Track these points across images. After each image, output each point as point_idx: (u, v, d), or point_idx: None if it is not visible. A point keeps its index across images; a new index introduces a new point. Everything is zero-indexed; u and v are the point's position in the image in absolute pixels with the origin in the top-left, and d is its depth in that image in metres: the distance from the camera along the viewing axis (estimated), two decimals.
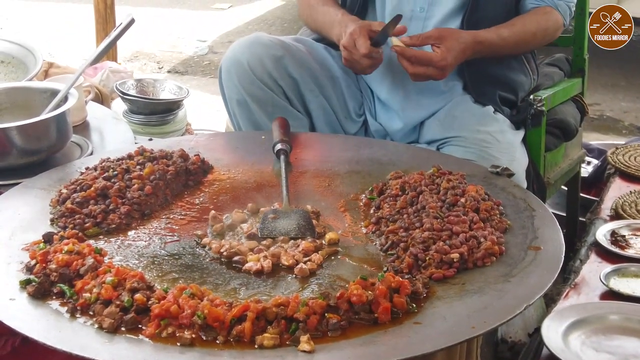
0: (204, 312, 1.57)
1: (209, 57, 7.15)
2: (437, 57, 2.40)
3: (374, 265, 1.86)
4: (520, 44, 2.64)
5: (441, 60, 2.40)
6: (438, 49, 2.42)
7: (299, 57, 2.69)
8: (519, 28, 2.61)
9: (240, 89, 2.62)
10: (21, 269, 1.79)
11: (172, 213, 2.12)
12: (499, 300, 1.67)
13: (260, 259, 1.86)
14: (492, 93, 2.65)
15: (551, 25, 2.69)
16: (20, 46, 3.11)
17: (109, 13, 5.18)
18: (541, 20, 2.65)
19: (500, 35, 2.56)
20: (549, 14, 2.67)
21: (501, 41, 2.56)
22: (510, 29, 2.60)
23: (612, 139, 5.11)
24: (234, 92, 2.64)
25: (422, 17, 2.65)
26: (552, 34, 2.73)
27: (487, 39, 2.53)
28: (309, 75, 2.69)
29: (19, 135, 2.35)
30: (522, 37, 2.62)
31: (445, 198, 2.02)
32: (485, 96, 2.64)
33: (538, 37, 2.67)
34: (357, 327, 1.60)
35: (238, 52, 2.63)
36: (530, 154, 2.65)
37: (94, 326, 1.60)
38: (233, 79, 2.63)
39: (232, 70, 2.63)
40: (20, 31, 7.52)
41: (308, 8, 2.82)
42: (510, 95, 2.69)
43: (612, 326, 1.94)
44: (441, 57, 2.40)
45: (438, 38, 2.44)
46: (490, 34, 2.55)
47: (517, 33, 2.60)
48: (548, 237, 1.92)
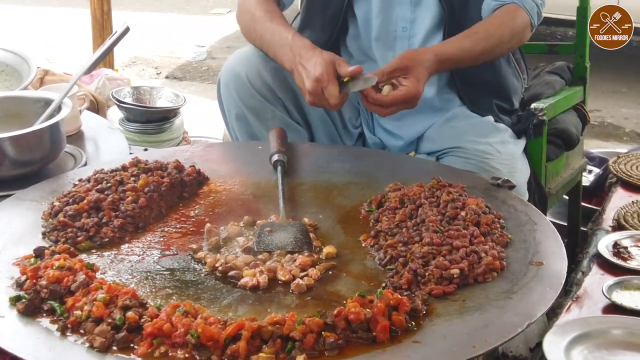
0: (197, 331, 1.53)
1: (207, 63, 7.13)
2: (410, 93, 2.27)
3: (373, 280, 1.83)
4: (486, 51, 2.50)
5: (415, 94, 2.28)
6: (406, 80, 2.28)
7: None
8: (482, 35, 2.48)
9: (240, 103, 2.57)
10: (11, 285, 1.75)
11: (167, 226, 2.09)
12: (500, 317, 1.64)
13: (256, 274, 1.82)
14: (488, 102, 2.61)
15: (518, 25, 2.54)
16: (14, 54, 3.08)
17: (105, 19, 5.15)
18: (505, 22, 2.52)
19: (463, 47, 2.45)
20: (513, 13, 2.53)
21: (464, 53, 2.45)
22: (473, 38, 2.47)
23: (613, 146, 5.10)
24: (232, 106, 2.59)
25: (406, 36, 2.60)
26: (520, 34, 2.58)
27: (450, 54, 2.42)
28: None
29: (11, 146, 2.32)
30: (487, 44, 2.49)
31: (445, 211, 1.99)
32: (481, 106, 2.60)
33: (504, 40, 2.53)
34: (354, 346, 1.56)
35: (236, 65, 2.58)
36: (531, 164, 2.62)
37: (84, 345, 1.56)
38: (232, 93, 2.57)
39: (231, 84, 2.57)
40: (18, 36, 7.50)
41: (252, 21, 2.58)
42: (505, 104, 2.66)
43: (615, 341, 1.90)
44: (414, 90, 2.27)
45: (404, 69, 2.29)
46: (452, 47, 2.44)
47: (480, 41, 2.47)
48: (550, 251, 1.89)
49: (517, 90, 2.73)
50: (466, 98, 2.62)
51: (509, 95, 2.68)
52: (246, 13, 2.59)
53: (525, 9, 2.54)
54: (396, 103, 2.27)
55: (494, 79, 2.64)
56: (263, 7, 2.54)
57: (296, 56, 2.34)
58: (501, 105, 2.65)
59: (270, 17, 2.50)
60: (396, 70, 2.29)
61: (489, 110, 2.60)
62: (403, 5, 2.58)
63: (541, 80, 3.03)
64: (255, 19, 2.54)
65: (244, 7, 2.62)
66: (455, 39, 2.46)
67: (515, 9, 2.53)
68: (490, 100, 2.62)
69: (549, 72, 3.08)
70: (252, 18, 2.56)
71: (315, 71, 2.26)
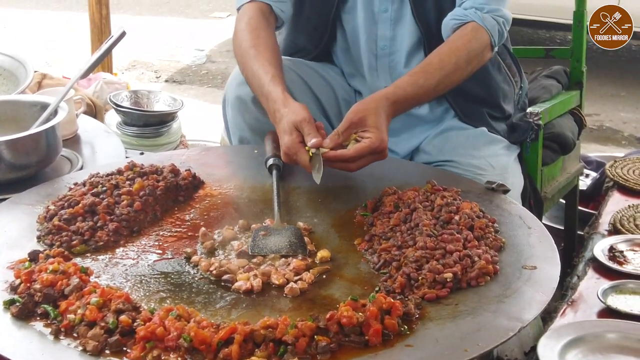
0: (190, 335, 1.53)
1: (206, 66, 7.14)
2: (374, 144, 2.11)
3: (366, 284, 1.83)
4: (443, 82, 2.34)
5: (380, 144, 2.11)
6: (366, 132, 2.13)
7: (299, 80, 2.62)
8: (436, 66, 2.33)
9: (245, 127, 2.55)
10: (5, 289, 1.75)
11: (162, 230, 2.09)
12: (492, 321, 1.64)
13: (250, 277, 1.82)
14: (480, 113, 2.59)
15: (475, 48, 2.39)
16: (11, 58, 3.08)
17: (104, 23, 5.16)
18: (460, 46, 2.38)
19: (417, 83, 2.29)
20: (471, 34, 2.39)
21: (419, 89, 2.29)
22: (427, 70, 2.32)
23: (611, 150, 5.10)
24: (237, 129, 2.58)
25: (386, 54, 2.60)
26: (478, 57, 2.41)
27: (404, 94, 2.26)
28: (311, 99, 2.64)
29: (7, 150, 2.32)
30: (442, 74, 2.33)
31: (439, 215, 1.99)
32: (473, 117, 2.59)
33: (460, 66, 2.36)
34: (347, 350, 1.56)
35: (239, 89, 2.53)
36: (527, 168, 2.62)
37: (77, 349, 1.56)
38: (237, 118, 2.56)
39: (237, 108, 2.55)
40: (18, 39, 7.51)
41: (239, 53, 2.44)
42: (496, 113, 2.64)
43: (609, 345, 1.90)
44: (377, 140, 2.11)
45: (358, 123, 2.14)
46: (406, 86, 2.28)
47: (435, 72, 2.32)
48: (544, 255, 1.88)
49: (509, 96, 2.70)
50: (458, 109, 2.60)
51: (500, 103, 2.65)
52: (236, 41, 2.49)
53: (485, 28, 2.41)
54: (362, 155, 2.11)
55: (483, 88, 2.61)
56: (250, 37, 2.43)
57: (273, 112, 2.24)
58: (493, 114, 2.63)
59: (254, 53, 2.37)
60: (351, 126, 2.15)
61: (482, 120, 2.59)
62: (383, 24, 2.58)
63: (538, 84, 3.04)
64: (242, 53, 2.42)
65: (236, 31, 2.51)
66: (409, 76, 2.32)
67: (474, 29, 2.40)
68: (482, 110, 2.60)
69: (545, 76, 3.08)
70: (239, 49, 2.45)
71: (283, 143, 2.15)
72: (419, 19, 2.52)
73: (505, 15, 2.46)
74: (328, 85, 2.72)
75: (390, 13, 2.56)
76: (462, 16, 2.42)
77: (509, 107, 2.70)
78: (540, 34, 7.88)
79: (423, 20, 2.52)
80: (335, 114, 2.69)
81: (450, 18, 2.45)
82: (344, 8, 2.62)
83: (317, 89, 2.69)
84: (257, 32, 2.45)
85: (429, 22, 2.53)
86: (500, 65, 2.68)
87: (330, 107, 2.71)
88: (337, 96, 2.73)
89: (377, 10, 2.58)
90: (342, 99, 2.73)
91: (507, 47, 2.72)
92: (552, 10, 6.41)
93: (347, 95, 2.75)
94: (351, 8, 2.61)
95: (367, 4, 2.58)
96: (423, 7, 2.52)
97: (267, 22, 2.51)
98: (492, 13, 2.43)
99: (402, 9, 2.56)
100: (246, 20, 2.48)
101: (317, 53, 2.73)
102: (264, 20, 2.50)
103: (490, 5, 2.43)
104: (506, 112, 2.68)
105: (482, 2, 2.42)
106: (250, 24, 2.47)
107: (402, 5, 2.55)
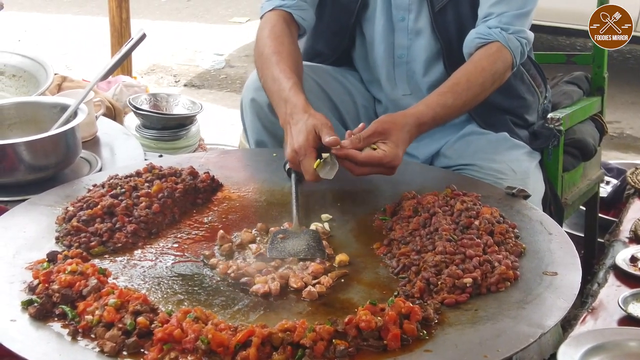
0: (207, 337, 1.53)
1: (225, 71, 7.15)
2: (387, 157, 2.10)
3: (385, 288, 1.82)
4: (469, 102, 2.35)
5: (393, 159, 2.11)
6: (384, 144, 2.12)
7: (317, 88, 2.62)
8: (463, 86, 2.33)
9: (262, 130, 2.57)
10: (24, 289, 1.76)
11: (180, 232, 2.09)
12: (512, 327, 1.62)
13: (268, 280, 1.82)
14: (503, 120, 2.58)
15: (499, 69, 2.39)
16: (32, 60, 3.10)
17: (124, 27, 5.18)
18: (486, 66, 2.37)
19: (445, 104, 2.29)
20: (495, 55, 2.39)
21: (447, 110, 2.29)
22: (455, 90, 2.32)
23: (632, 157, 5.06)
24: (255, 132, 2.60)
25: (403, 62, 2.61)
26: (501, 77, 2.42)
27: (432, 115, 2.26)
28: (329, 107, 2.64)
29: (27, 151, 2.34)
30: (469, 95, 2.33)
31: (459, 220, 1.98)
32: (494, 124, 2.57)
33: (486, 87, 2.37)
34: (365, 354, 1.55)
35: (256, 93, 2.54)
36: (547, 174, 2.60)
37: (95, 350, 1.56)
38: (255, 122, 2.57)
39: (254, 112, 2.56)
40: (39, 43, 7.55)
41: (260, 60, 2.44)
42: (519, 121, 2.63)
43: (630, 353, 1.89)
44: (392, 156, 2.11)
45: (382, 133, 2.13)
46: (434, 108, 2.27)
47: (463, 92, 2.32)
48: (565, 261, 1.87)
49: (532, 106, 2.68)
50: (479, 119, 2.58)
51: (522, 113, 2.64)
52: (258, 47, 2.47)
53: (509, 49, 2.40)
54: (370, 164, 2.11)
55: (506, 100, 2.59)
56: (273, 44, 2.42)
57: (287, 115, 2.21)
58: (515, 121, 2.62)
59: (276, 60, 2.36)
60: (374, 134, 2.14)
61: (504, 126, 2.57)
62: (401, 32, 2.58)
63: (559, 90, 3.01)
64: (263, 59, 2.41)
65: (258, 38, 2.51)
66: (438, 95, 2.31)
67: (499, 50, 2.39)
68: (504, 117, 2.59)
69: (566, 82, 3.06)
70: (260, 56, 2.44)
71: (296, 141, 2.13)
72: (439, 31, 2.52)
73: (528, 37, 2.47)
74: (347, 92, 2.71)
75: (407, 22, 2.56)
76: (487, 35, 2.41)
77: (532, 117, 2.68)
78: (560, 40, 7.84)
79: (443, 32, 2.52)
80: (353, 121, 2.68)
81: (475, 36, 2.43)
82: (364, 16, 2.63)
83: (336, 97, 2.69)
84: (281, 39, 2.45)
85: (449, 35, 2.52)
86: (523, 75, 2.65)
87: (348, 114, 2.71)
88: (355, 103, 2.73)
89: (395, 19, 2.58)
90: (361, 106, 2.73)
91: (531, 58, 2.69)
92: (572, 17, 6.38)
93: (366, 102, 2.75)
94: (371, 16, 2.61)
95: (386, 12, 2.58)
96: (443, 20, 2.52)
97: (289, 31, 2.51)
98: (517, 34, 2.42)
99: (419, 19, 2.55)
100: (269, 28, 2.49)
101: (335, 58, 2.73)
102: (286, 29, 2.50)
103: (515, 27, 2.42)
104: (529, 121, 2.67)
105: (507, 23, 2.41)
106: (274, 32, 2.47)
107: (420, 15, 2.55)
